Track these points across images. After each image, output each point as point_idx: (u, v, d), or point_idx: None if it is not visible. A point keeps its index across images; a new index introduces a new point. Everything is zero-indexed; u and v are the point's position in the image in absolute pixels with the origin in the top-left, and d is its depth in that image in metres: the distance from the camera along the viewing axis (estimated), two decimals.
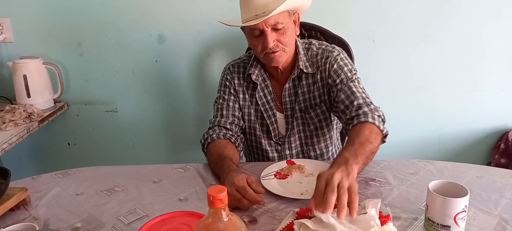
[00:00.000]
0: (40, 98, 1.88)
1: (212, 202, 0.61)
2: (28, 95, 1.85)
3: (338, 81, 1.32)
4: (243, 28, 1.35)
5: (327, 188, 0.87)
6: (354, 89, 1.29)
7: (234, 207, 1.02)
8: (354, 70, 1.35)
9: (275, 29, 1.25)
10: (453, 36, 1.89)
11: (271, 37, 1.25)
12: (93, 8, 1.91)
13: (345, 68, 1.34)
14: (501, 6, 1.84)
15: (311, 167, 1.26)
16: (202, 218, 0.64)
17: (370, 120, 1.18)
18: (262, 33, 1.26)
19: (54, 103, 1.98)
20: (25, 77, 1.83)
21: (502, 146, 1.99)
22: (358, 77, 1.35)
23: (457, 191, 0.90)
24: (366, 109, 1.22)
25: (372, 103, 1.26)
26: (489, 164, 2.05)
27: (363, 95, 1.28)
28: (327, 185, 0.88)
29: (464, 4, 1.84)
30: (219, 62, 1.99)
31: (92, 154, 2.17)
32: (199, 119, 2.09)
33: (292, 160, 1.31)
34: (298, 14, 1.34)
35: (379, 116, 1.21)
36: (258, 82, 1.41)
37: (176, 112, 2.09)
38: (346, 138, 1.23)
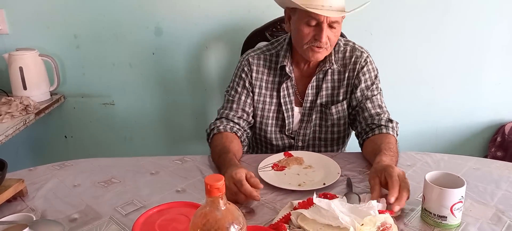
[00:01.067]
0: (37, 91, 1.87)
1: (210, 190, 0.61)
2: (24, 88, 1.84)
3: (363, 85, 1.36)
4: (292, 10, 1.30)
5: (404, 187, 0.96)
6: (381, 103, 1.37)
7: (232, 200, 1.02)
8: (378, 76, 1.40)
9: (330, 26, 1.25)
10: (451, 29, 1.89)
11: (326, 33, 1.24)
12: (89, 0, 1.89)
13: (372, 74, 1.38)
14: (498, 0, 1.84)
15: (310, 159, 1.26)
16: (199, 207, 0.64)
17: (396, 135, 1.29)
18: (318, 26, 1.24)
19: (51, 95, 1.97)
20: (21, 69, 1.82)
21: (498, 139, 2.00)
22: (381, 88, 1.40)
23: (454, 182, 0.91)
24: (394, 124, 1.31)
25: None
26: (485, 157, 2.06)
27: (387, 109, 1.37)
28: (402, 183, 0.97)
29: None
30: (216, 54, 1.98)
31: (89, 147, 2.17)
32: (196, 111, 2.09)
33: (289, 152, 1.31)
34: (344, 17, 1.32)
35: (397, 134, 1.30)
36: (289, 75, 1.38)
37: (174, 105, 2.09)
38: (371, 135, 1.30)
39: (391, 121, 1.31)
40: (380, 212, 0.87)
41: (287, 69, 1.37)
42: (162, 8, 1.90)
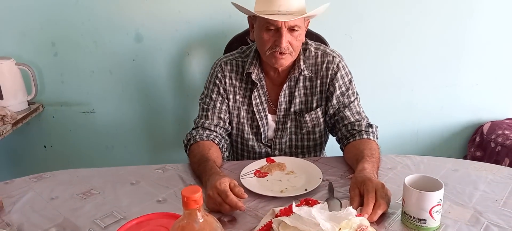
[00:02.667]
0: (13, 100, 1.83)
1: (187, 203, 0.60)
2: (1, 97, 1.80)
3: (338, 92, 1.35)
4: (253, 18, 1.30)
5: (380, 199, 0.96)
6: (359, 109, 1.35)
7: (216, 210, 1.01)
8: (353, 80, 1.38)
9: (291, 30, 1.23)
10: (429, 32, 1.93)
11: (286, 38, 1.23)
12: (67, 7, 1.86)
13: (346, 79, 1.36)
14: (473, 3, 1.88)
15: (292, 164, 1.26)
16: (177, 220, 0.63)
17: (376, 139, 1.29)
18: (278, 31, 1.23)
19: (29, 105, 1.92)
20: None
21: (477, 139, 2.04)
22: (356, 92, 1.38)
23: (432, 185, 0.92)
24: (374, 129, 1.30)
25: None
26: (465, 157, 2.10)
27: (365, 114, 1.36)
28: (379, 197, 0.96)
29: (438, 1, 1.88)
30: (198, 61, 1.97)
31: (70, 156, 2.12)
32: (178, 118, 2.07)
33: (272, 158, 1.30)
34: (309, 20, 1.33)
35: (377, 138, 1.30)
36: (257, 82, 1.37)
37: (155, 112, 2.07)
38: (352, 141, 1.29)
39: (371, 125, 1.31)
40: (358, 215, 0.87)
41: (253, 76, 1.36)
42: (142, 14, 1.88)
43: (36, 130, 2.07)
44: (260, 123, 1.40)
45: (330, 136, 1.51)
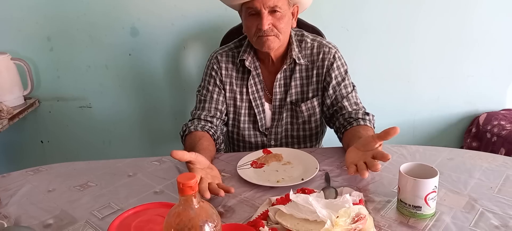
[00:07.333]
0: (9, 95, 1.83)
1: (182, 189, 0.60)
2: None
3: (334, 82, 1.36)
4: (240, 9, 1.32)
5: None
6: (357, 100, 1.37)
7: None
8: (348, 71, 1.39)
9: (272, 12, 1.24)
10: (425, 24, 1.93)
11: (267, 20, 1.23)
12: (62, 2, 1.86)
13: (342, 69, 1.37)
14: None
15: (289, 155, 1.26)
16: (173, 206, 0.63)
17: (373, 127, 1.31)
18: (258, 14, 1.24)
19: (25, 100, 1.92)
20: None
21: (473, 130, 2.05)
22: (353, 83, 1.40)
23: (428, 173, 0.93)
24: (370, 117, 1.32)
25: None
26: (461, 148, 2.11)
27: (362, 105, 1.38)
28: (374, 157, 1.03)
29: None
30: (194, 54, 1.97)
31: (67, 151, 2.13)
32: (175, 112, 2.07)
33: (268, 149, 1.31)
34: (297, 7, 1.33)
35: (374, 126, 1.32)
36: (251, 69, 1.39)
37: (152, 106, 2.07)
38: (349, 128, 1.31)
39: (367, 114, 1.33)
40: (354, 204, 0.88)
41: (247, 63, 1.38)
42: (137, 9, 1.88)
43: (32, 125, 2.07)
44: (256, 111, 1.41)
45: (327, 128, 1.51)
